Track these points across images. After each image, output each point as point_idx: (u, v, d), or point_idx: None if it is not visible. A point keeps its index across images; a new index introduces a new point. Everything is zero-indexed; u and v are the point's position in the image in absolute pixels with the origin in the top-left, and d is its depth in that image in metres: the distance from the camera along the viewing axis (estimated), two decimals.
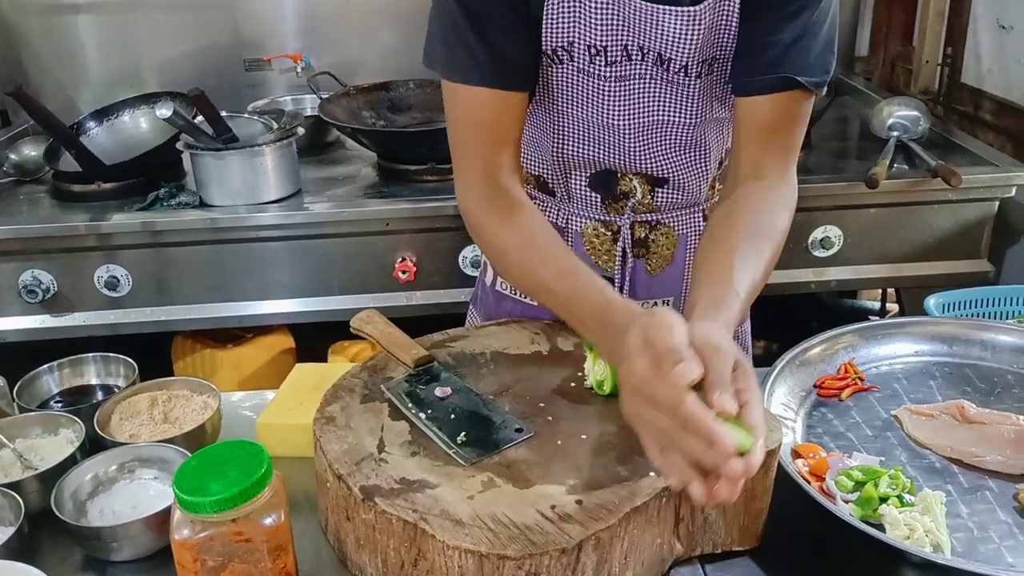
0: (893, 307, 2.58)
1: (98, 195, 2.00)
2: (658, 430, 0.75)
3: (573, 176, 1.14)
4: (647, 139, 1.09)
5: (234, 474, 0.76)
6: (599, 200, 1.14)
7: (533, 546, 0.76)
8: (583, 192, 1.14)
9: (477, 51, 0.99)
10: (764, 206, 1.01)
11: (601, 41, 1.00)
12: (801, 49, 0.98)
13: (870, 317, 2.58)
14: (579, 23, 1.00)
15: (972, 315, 1.49)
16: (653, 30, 0.99)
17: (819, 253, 2.00)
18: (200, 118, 1.90)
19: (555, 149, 1.11)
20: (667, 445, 0.74)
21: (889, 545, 0.82)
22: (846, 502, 0.90)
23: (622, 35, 1.00)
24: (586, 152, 1.10)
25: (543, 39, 1.01)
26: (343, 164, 2.21)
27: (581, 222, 1.17)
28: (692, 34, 0.99)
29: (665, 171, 1.12)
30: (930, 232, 2.02)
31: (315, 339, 2.18)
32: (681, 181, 1.13)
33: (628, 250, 1.17)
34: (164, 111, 1.77)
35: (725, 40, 1.02)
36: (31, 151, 2.18)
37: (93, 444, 1.04)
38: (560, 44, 1.01)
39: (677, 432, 0.72)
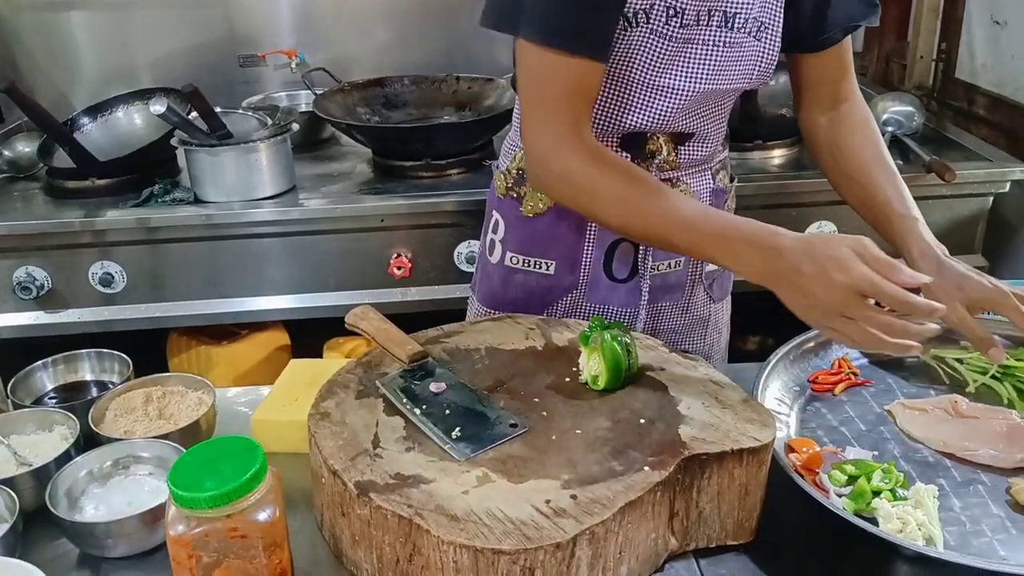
0: None
1: (92, 191, 1.99)
2: (870, 322, 0.89)
3: (605, 140, 1.17)
4: (695, 102, 1.14)
5: (229, 470, 0.76)
6: (628, 160, 1.16)
7: (528, 541, 0.76)
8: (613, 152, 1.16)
9: (585, 20, 1.02)
10: (866, 126, 1.22)
11: (681, 3, 1.06)
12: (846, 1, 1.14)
13: None
14: None
15: None
16: None
17: None
18: (194, 114, 1.89)
19: (600, 117, 1.14)
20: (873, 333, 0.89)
21: (882, 539, 0.82)
22: (839, 496, 0.91)
23: None
24: (626, 116, 1.14)
25: (627, 2, 1.05)
26: (338, 160, 2.21)
27: None
28: None
29: (693, 127, 1.18)
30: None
31: (310, 335, 2.18)
32: (704, 135, 1.20)
33: None
34: (158, 107, 1.76)
35: (773, 4, 1.11)
36: (25, 147, 2.17)
37: (88, 440, 1.04)
38: (642, 7, 1.05)
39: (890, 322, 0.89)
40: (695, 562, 0.90)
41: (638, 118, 1.13)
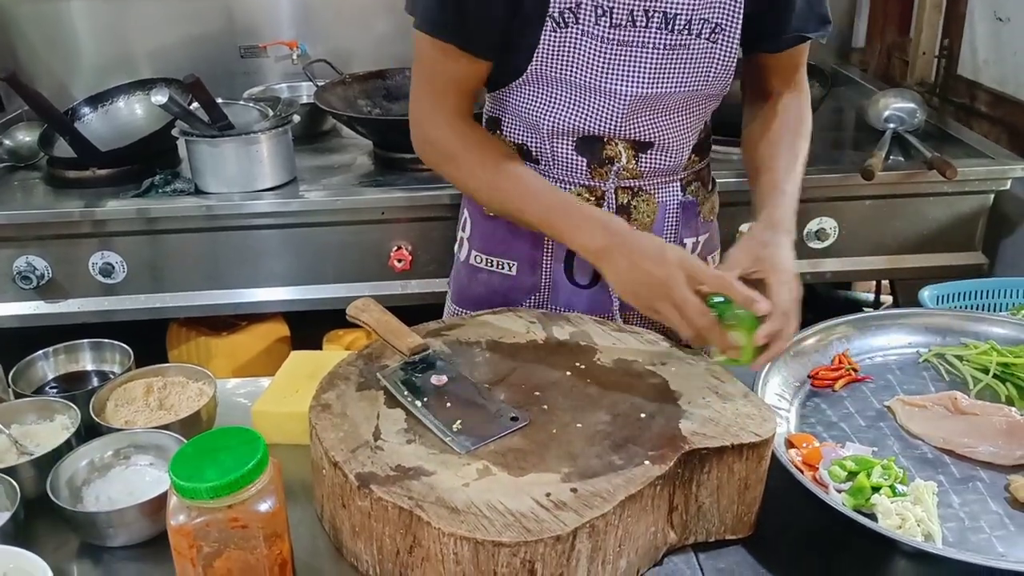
0: (887, 299, 2.59)
1: (93, 181, 1.99)
2: (686, 303, 0.97)
3: (559, 143, 1.17)
4: (641, 105, 1.12)
5: (230, 461, 0.76)
6: (585, 165, 1.17)
7: (528, 533, 0.76)
8: (569, 157, 1.17)
9: (470, 17, 1.06)
10: (787, 113, 1.21)
11: (608, 2, 1.04)
12: (806, 8, 1.15)
13: (864, 308, 2.59)
14: None
15: (966, 307, 1.49)
16: None
17: (814, 244, 2.01)
18: (195, 105, 1.89)
19: (546, 118, 1.15)
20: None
21: (881, 534, 0.83)
22: (839, 491, 0.91)
23: None
24: (577, 120, 1.13)
25: (551, 2, 1.05)
26: (338, 152, 2.20)
27: (565, 188, 1.19)
28: None
29: (651, 136, 1.16)
30: (925, 224, 2.02)
31: (310, 327, 2.18)
32: (665, 145, 1.18)
33: None
34: (159, 97, 1.76)
35: (729, 5, 1.09)
36: (25, 137, 2.17)
37: (88, 430, 1.04)
38: (568, 6, 1.05)
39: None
40: (694, 556, 0.90)
41: (586, 121, 1.13)
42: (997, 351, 1.13)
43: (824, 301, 2.68)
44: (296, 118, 1.98)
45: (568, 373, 1.01)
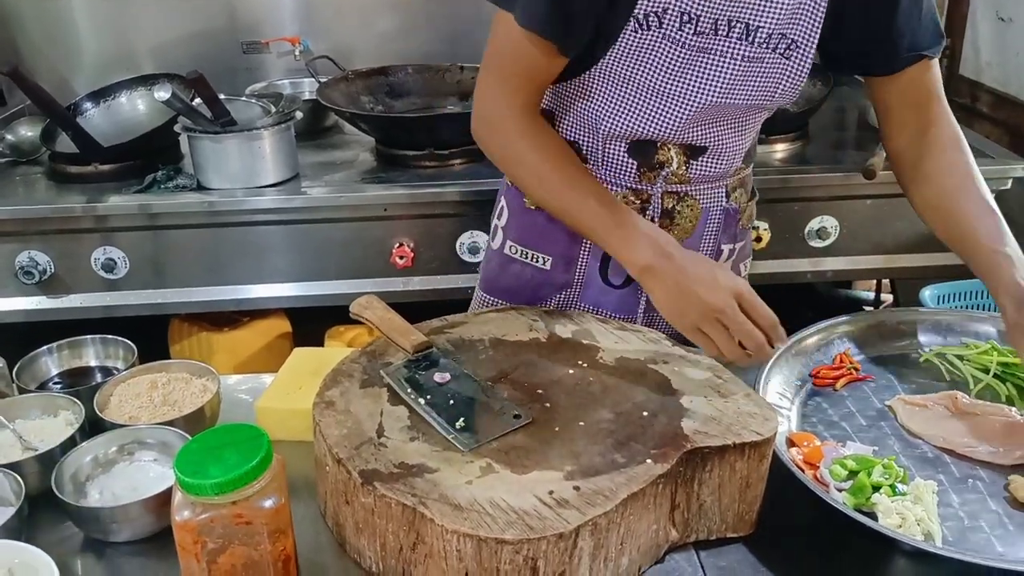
0: (888, 297, 2.59)
1: (95, 177, 1.99)
2: (740, 329, 0.98)
3: (612, 144, 1.16)
4: (707, 113, 1.11)
5: (235, 457, 0.76)
6: (635, 167, 1.16)
7: (531, 531, 0.77)
8: (620, 159, 1.17)
9: (576, 18, 1.04)
10: (953, 150, 1.14)
11: (696, 9, 1.03)
12: (913, 24, 1.08)
13: (864, 307, 2.59)
14: None
15: (967, 306, 1.50)
16: None
17: (815, 243, 2.01)
18: (198, 100, 1.89)
19: (605, 117, 1.14)
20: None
21: (881, 533, 0.83)
22: (839, 490, 0.91)
23: (715, 4, 1.03)
24: (637, 122, 1.12)
25: (638, 3, 1.03)
26: (341, 149, 2.20)
27: (612, 190, 1.18)
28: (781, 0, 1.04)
29: (706, 141, 1.15)
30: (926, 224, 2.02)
31: (312, 324, 2.18)
32: (718, 152, 1.16)
33: (656, 219, 1.19)
34: (162, 93, 1.76)
35: (809, 23, 1.06)
36: (27, 132, 2.17)
37: (92, 426, 1.04)
38: (655, 9, 1.03)
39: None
40: (695, 554, 0.91)
41: (646, 125, 1.12)
42: (998, 351, 1.14)
43: (824, 300, 2.68)
44: (299, 114, 1.98)
45: (571, 371, 1.01)
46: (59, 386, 1.17)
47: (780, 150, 2.11)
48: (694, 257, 1.05)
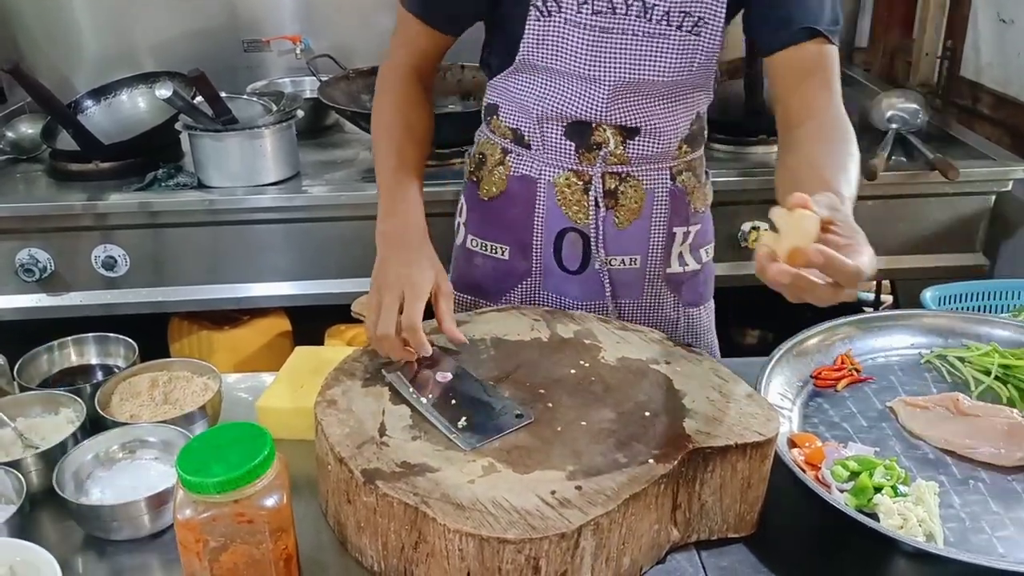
0: (888, 298, 2.59)
1: (96, 175, 1.99)
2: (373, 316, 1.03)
3: (549, 128, 1.20)
4: (623, 92, 1.15)
5: (237, 456, 0.76)
6: (573, 149, 1.20)
7: (533, 530, 0.77)
8: (558, 141, 1.21)
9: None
10: (828, 131, 1.08)
11: None
12: (811, 2, 1.08)
13: (864, 308, 2.59)
14: None
15: (968, 308, 1.50)
16: None
17: None
18: (199, 99, 1.89)
19: (535, 104, 1.18)
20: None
21: (882, 534, 0.83)
22: (841, 491, 0.91)
23: None
24: (564, 105, 1.16)
25: None
26: (342, 147, 2.20)
27: (554, 172, 1.22)
28: None
29: (637, 122, 1.18)
30: (926, 225, 2.03)
31: (312, 322, 2.18)
32: (652, 132, 1.19)
33: (599, 200, 1.21)
34: (164, 91, 1.76)
35: (710, 1, 1.09)
36: (28, 129, 2.17)
37: (94, 424, 1.04)
38: None
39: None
40: (697, 554, 0.91)
41: (572, 107, 1.16)
42: (999, 353, 1.14)
43: None
44: (300, 113, 1.98)
45: (572, 371, 1.01)
46: (60, 384, 1.16)
47: None
48: (410, 247, 1.12)
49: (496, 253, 1.30)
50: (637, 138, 1.19)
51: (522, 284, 1.30)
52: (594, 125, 1.17)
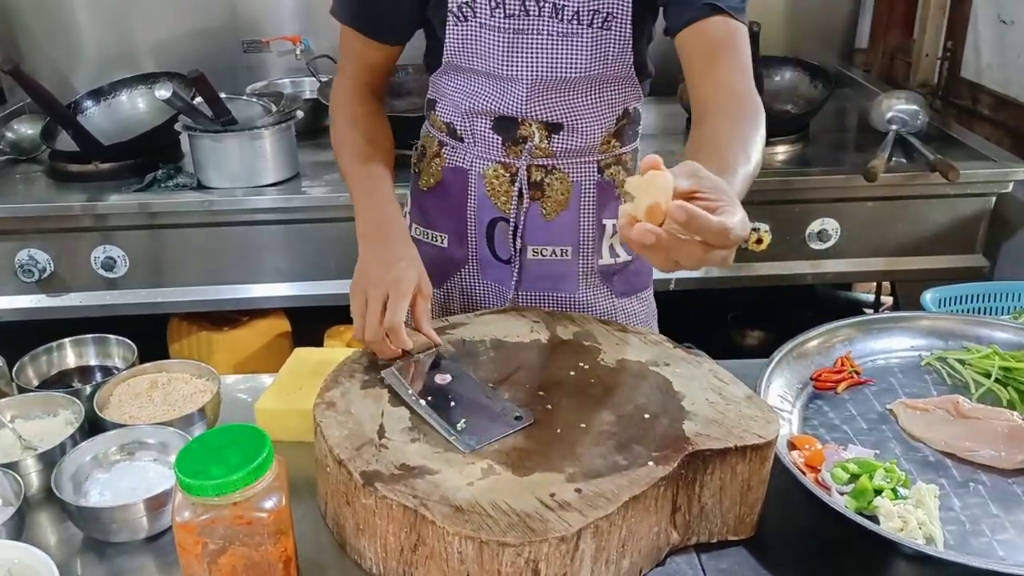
0: (887, 299, 2.59)
1: (95, 175, 1.99)
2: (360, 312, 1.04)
3: (478, 122, 1.23)
4: (543, 88, 1.17)
5: (236, 458, 0.76)
6: (500, 142, 1.23)
7: (532, 533, 0.77)
8: (486, 135, 1.23)
9: (371, 8, 1.17)
10: (734, 108, 1.02)
11: None
12: None
13: (864, 309, 2.59)
14: None
15: (968, 310, 1.50)
16: None
17: (816, 245, 2.01)
18: (199, 99, 1.89)
19: (463, 101, 1.22)
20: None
21: (883, 537, 0.83)
22: (841, 494, 0.91)
23: None
24: (489, 102, 1.20)
25: None
26: None
27: (484, 164, 1.26)
28: None
29: (560, 118, 1.20)
30: (926, 226, 2.03)
31: (311, 323, 2.18)
32: (576, 127, 1.21)
33: (525, 191, 1.24)
34: (163, 92, 1.76)
35: None
36: (27, 129, 2.17)
37: (92, 425, 1.04)
38: (466, 1, 1.13)
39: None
40: (696, 557, 0.90)
41: (497, 104, 1.19)
42: (999, 355, 1.14)
43: (823, 301, 2.68)
44: (299, 114, 1.98)
45: (572, 373, 1.01)
46: (59, 385, 1.16)
47: (781, 152, 2.11)
48: (392, 247, 1.12)
49: (436, 241, 1.33)
50: (561, 132, 1.21)
51: (461, 272, 1.33)
52: (520, 120, 1.20)
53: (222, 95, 1.90)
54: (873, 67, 2.71)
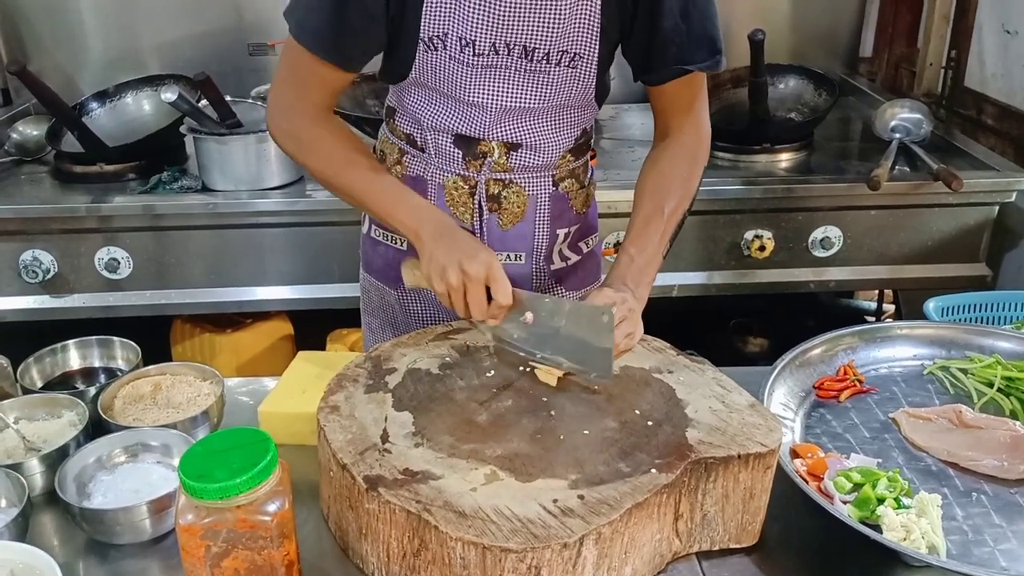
0: (890, 307, 2.59)
1: (100, 177, 1.99)
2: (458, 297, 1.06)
3: (439, 137, 1.24)
4: (507, 116, 1.20)
5: (240, 461, 0.76)
6: (460, 156, 1.24)
7: (535, 539, 0.77)
8: (447, 149, 1.25)
9: (356, 40, 1.14)
10: (674, 159, 1.23)
11: (471, 35, 1.12)
12: (685, 40, 1.14)
13: (866, 317, 2.59)
14: (454, 17, 1.11)
15: (971, 319, 1.50)
16: (520, 24, 1.10)
17: (819, 253, 2.01)
18: (204, 102, 1.89)
19: (426, 116, 1.23)
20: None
21: (885, 546, 0.83)
22: (844, 503, 0.91)
23: (491, 32, 1.11)
24: (452, 121, 1.22)
25: (422, 27, 1.12)
26: None
27: (443, 175, 1.27)
28: (554, 24, 1.11)
29: (520, 138, 1.23)
30: (929, 235, 2.03)
31: (314, 326, 2.19)
32: (535, 146, 1.24)
33: (483, 203, 1.26)
34: (169, 95, 1.76)
35: (587, 38, 1.14)
36: (33, 131, 2.17)
37: (96, 427, 1.04)
38: (436, 34, 1.13)
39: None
40: (698, 564, 0.90)
41: (458, 124, 1.21)
42: (1002, 365, 1.14)
43: (825, 309, 2.68)
44: None
45: (575, 379, 1.01)
46: (62, 387, 1.16)
47: (785, 160, 2.12)
48: (461, 236, 1.11)
49: (395, 243, 1.33)
50: (520, 151, 1.23)
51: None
52: (480, 138, 1.22)
53: (227, 98, 1.90)
54: (877, 76, 2.71)
